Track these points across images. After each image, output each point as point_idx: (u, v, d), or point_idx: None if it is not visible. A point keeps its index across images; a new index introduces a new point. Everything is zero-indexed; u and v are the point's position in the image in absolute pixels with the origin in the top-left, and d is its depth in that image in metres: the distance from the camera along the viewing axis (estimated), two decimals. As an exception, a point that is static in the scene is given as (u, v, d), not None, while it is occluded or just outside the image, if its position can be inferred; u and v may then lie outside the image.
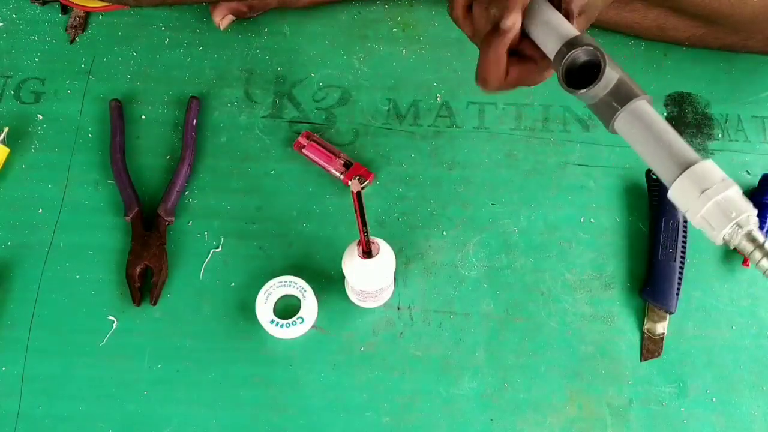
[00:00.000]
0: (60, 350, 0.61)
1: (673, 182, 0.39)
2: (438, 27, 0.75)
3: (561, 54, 0.44)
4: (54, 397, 0.60)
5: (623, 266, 0.65)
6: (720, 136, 0.70)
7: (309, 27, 0.76)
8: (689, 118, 0.71)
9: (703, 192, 0.38)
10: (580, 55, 0.43)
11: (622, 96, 0.42)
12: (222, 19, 0.72)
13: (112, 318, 0.62)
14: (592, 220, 0.66)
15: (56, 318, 0.62)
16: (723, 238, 0.38)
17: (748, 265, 0.63)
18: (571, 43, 0.43)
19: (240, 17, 0.73)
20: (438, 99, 0.72)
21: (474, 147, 0.69)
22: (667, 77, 0.73)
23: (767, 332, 0.62)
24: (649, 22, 0.69)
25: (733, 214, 0.37)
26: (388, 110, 0.71)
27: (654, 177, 0.66)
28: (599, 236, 0.66)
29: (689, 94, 0.72)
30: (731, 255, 0.65)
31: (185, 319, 0.62)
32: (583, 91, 0.42)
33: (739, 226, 0.38)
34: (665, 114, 0.71)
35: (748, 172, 0.68)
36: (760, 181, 0.66)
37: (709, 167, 0.39)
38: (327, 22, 0.76)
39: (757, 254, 0.38)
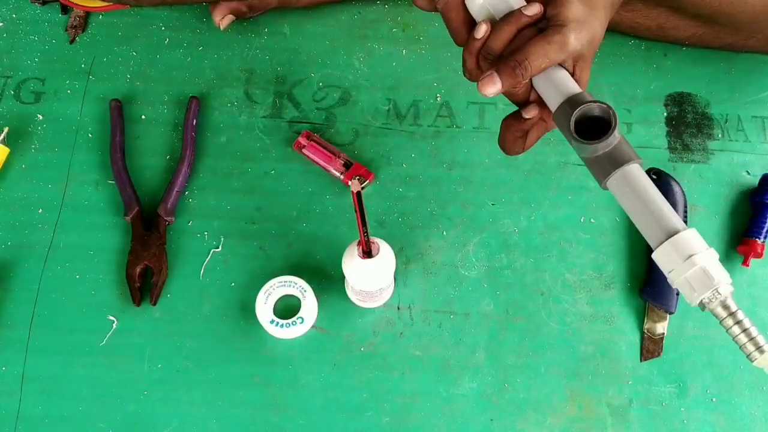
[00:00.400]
0: (60, 350, 0.61)
1: (659, 245, 0.42)
2: (438, 27, 0.75)
3: (563, 110, 0.45)
4: (54, 397, 0.60)
5: (623, 266, 0.65)
6: (720, 136, 0.70)
7: (309, 27, 0.76)
8: (689, 118, 0.71)
9: (689, 257, 0.41)
10: (594, 109, 0.45)
11: (617, 158, 0.44)
12: (222, 18, 0.72)
13: (112, 318, 0.62)
14: (592, 220, 0.66)
15: (56, 318, 0.62)
16: (701, 302, 0.41)
17: (748, 265, 0.63)
18: (572, 100, 0.45)
19: (240, 17, 0.73)
20: (438, 99, 0.72)
21: (474, 147, 0.69)
22: (667, 77, 0.73)
23: (767, 332, 0.62)
24: (649, 21, 0.69)
25: (714, 281, 0.41)
26: (388, 110, 0.71)
27: (654, 177, 0.66)
28: (599, 236, 0.66)
29: (689, 94, 0.72)
30: (731, 255, 0.65)
31: (185, 319, 0.62)
32: (592, 143, 0.44)
33: (718, 293, 0.41)
34: (665, 114, 0.71)
35: (748, 172, 0.68)
36: (760, 181, 0.66)
37: (694, 236, 0.42)
38: (327, 22, 0.76)
39: (729, 321, 0.41)
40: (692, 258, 0.41)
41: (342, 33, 0.75)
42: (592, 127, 0.45)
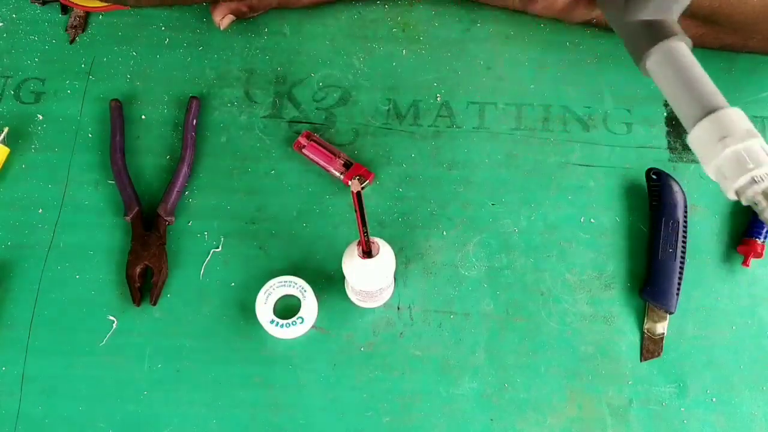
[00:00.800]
0: (60, 350, 0.61)
1: (693, 126, 0.37)
2: (438, 27, 0.75)
3: None
4: (54, 397, 0.60)
5: (623, 266, 0.65)
6: (720, 136, 0.70)
7: (309, 27, 0.76)
8: (689, 118, 0.71)
9: (722, 139, 0.35)
10: None
11: (659, 30, 0.38)
12: (222, 18, 0.72)
13: (112, 318, 0.62)
14: (592, 220, 0.66)
15: (56, 318, 0.62)
16: (735, 191, 0.36)
17: (748, 265, 0.63)
18: None
19: (240, 17, 0.73)
20: (438, 99, 0.72)
21: (474, 147, 0.69)
22: (667, 77, 0.73)
23: (767, 332, 0.62)
24: (649, 21, 0.69)
25: (750, 166, 0.35)
26: (388, 110, 0.71)
27: (654, 177, 0.66)
28: (599, 236, 0.66)
29: (689, 94, 0.72)
30: (731, 255, 0.65)
31: (185, 319, 0.62)
32: None
33: (755, 180, 0.35)
34: (665, 114, 0.71)
35: (748, 172, 0.68)
36: (760, 181, 0.66)
37: (734, 114, 0.36)
38: (327, 22, 0.76)
39: None
40: (726, 139, 0.35)
41: (342, 33, 0.75)
42: None
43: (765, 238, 0.64)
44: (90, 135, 0.70)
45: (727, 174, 0.35)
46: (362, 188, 0.57)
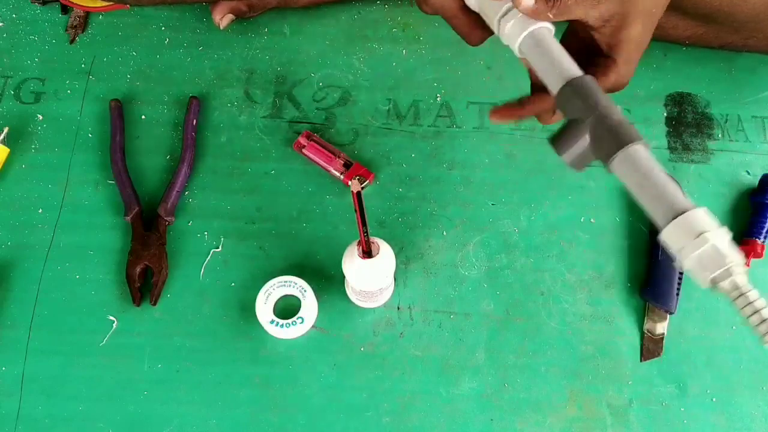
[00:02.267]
0: (60, 350, 0.61)
1: (664, 228, 0.41)
2: (438, 27, 0.75)
3: (562, 93, 0.44)
4: (54, 397, 0.60)
5: (623, 266, 0.65)
6: (720, 136, 0.70)
7: (309, 27, 0.76)
8: (689, 118, 0.71)
9: (700, 234, 0.39)
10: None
11: (621, 138, 0.43)
12: (222, 18, 0.72)
13: (112, 318, 0.62)
14: (592, 220, 0.66)
15: (56, 318, 0.62)
16: (712, 280, 0.40)
17: (748, 266, 0.63)
18: (571, 84, 0.44)
19: (240, 17, 0.73)
20: (438, 99, 0.72)
21: (474, 147, 0.69)
22: (667, 77, 0.73)
23: (767, 332, 0.62)
24: (649, 22, 0.69)
25: (727, 259, 0.39)
26: (388, 110, 0.71)
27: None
28: (599, 236, 0.66)
29: (689, 94, 0.72)
30: (731, 255, 0.65)
31: (185, 319, 0.62)
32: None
33: (730, 272, 0.39)
34: (665, 114, 0.71)
35: (748, 172, 0.68)
36: (760, 181, 0.66)
37: (704, 214, 0.40)
38: (327, 22, 0.76)
39: (741, 302, 0.39)
40: (704, 235, 0.39)
41: (342, 33, 0.75)
42: None
43: (765, 238, 0.64)
44: (90, 135, 0.70)
45: (702, 268, 0.40)
46: (362, 188, 0.57)
